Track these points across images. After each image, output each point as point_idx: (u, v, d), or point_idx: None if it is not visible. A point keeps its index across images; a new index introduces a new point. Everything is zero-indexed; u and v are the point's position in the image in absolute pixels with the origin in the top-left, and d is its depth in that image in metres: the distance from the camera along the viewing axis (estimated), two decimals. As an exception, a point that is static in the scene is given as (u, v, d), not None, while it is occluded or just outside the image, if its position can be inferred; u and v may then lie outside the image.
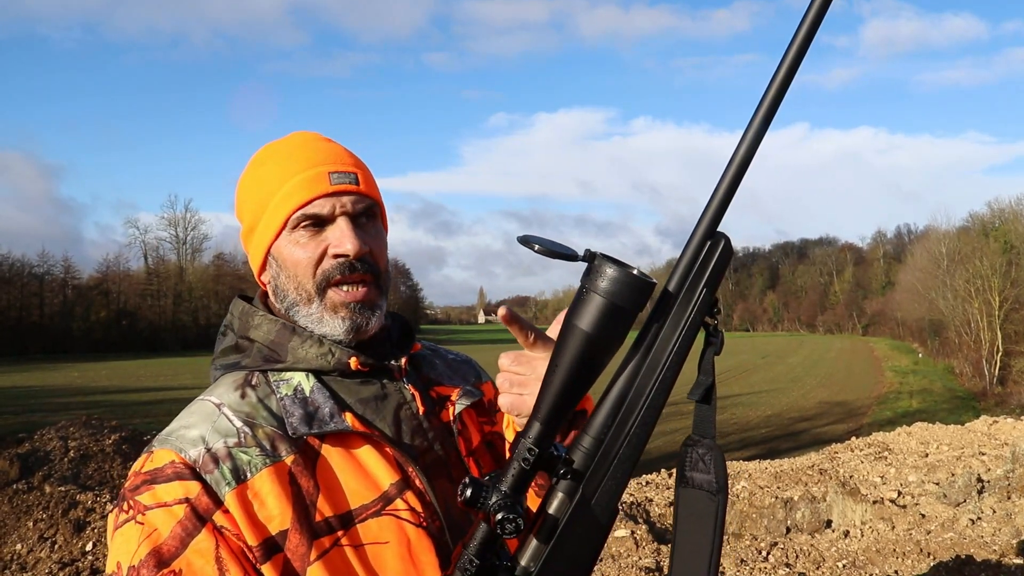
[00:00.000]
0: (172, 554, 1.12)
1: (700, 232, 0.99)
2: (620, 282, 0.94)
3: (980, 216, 70.53)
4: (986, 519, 6.58)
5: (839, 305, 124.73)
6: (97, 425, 9.70)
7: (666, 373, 0.99)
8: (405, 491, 1.27)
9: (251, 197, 1.37)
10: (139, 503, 1.16)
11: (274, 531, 1.17)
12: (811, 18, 0.96)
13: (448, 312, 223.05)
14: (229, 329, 1.40)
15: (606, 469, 0.99)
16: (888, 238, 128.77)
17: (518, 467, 0.98)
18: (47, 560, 6.17)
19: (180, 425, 1.25)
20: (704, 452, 1.02)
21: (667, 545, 6.32)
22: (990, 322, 52.94)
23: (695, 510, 1.02)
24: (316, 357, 1.32)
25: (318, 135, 1.43)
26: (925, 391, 41.46)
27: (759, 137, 0.98)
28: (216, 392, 1.30)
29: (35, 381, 37.27)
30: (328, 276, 1.31)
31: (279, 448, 1.22)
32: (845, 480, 8.79)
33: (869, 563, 5.75)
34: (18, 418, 20.95)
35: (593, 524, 1.00)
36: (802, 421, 27.45)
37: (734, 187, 0.98)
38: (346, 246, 1.30)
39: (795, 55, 0.96)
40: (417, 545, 1.24)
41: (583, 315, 0.95)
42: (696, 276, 1.00)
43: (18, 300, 70.48)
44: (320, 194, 1.31)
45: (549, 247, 0.98)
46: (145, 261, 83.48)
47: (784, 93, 0.98)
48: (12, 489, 7.21)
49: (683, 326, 0.99)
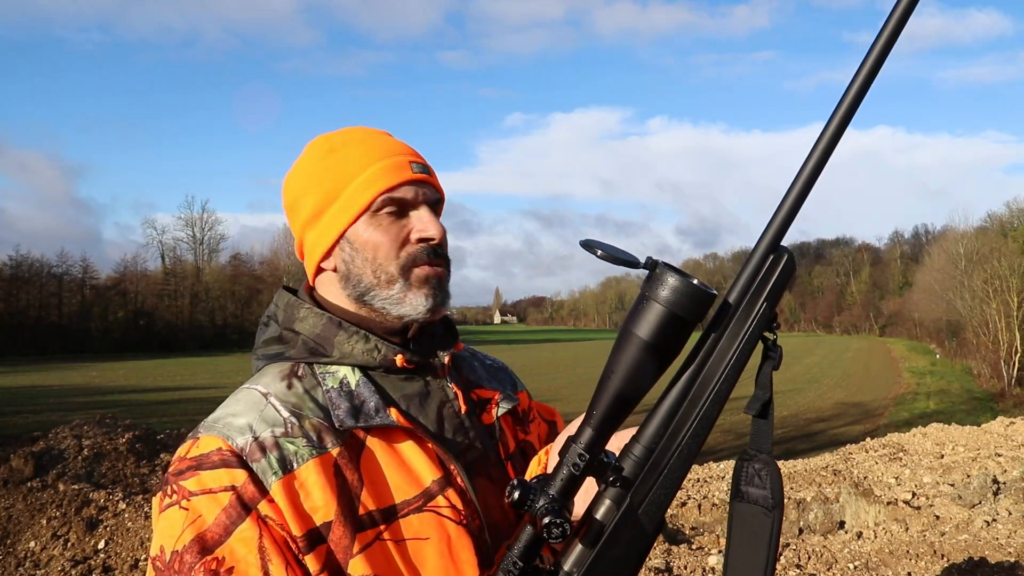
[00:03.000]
0: (216, 541, 1.12)
1: (764, 245, 0.98)
2: (680, 292, 0.94)
3: (999, 216, 70.07)
4: (1001, 521, 6.52)
5: (856, 305, 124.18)
6: (111, 424, 9.77)
7: (721, 386, 0.99)
8: (447, 488, 1.27)
9: (320, 182, 1.35)
10: (184, 488, 1.16)
11: (318, 522, 1.17)
12: (898, 15, 0.94)
13: (464, 312, 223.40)
14: (272, 320, 1.40)
15: (655, 479, 0.99)
16: (906, 238, 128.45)
17: (568, 472, 0.97)
18: (60, 558, 6.21)
19: (227, 412, 1.25)
20: (760, 467, 1.01)
21: (678, 546, 6.30)
22: (1008, 323, 52.45)
23: (750, 525, 1.01)
24: (362, 353, 1.32)
25: (381, 131, 1.44)
26: (943, 392, 41.16)
27: (832, 146, 0.96)
28: (262, 381, 1.30)
29: (54, 380, 37.55)
30: (415, 258, 1.33)
31: (325, 440, 1.22)
32: (859, 481, 8.73)
33: (882, 565, 5.71)
34: (36, 417, 21.10)
35: (639, 533, 0.99)
36: (819, 422, 27.28)
37: (801, 200, 0.97)
38: (431, 231, 1.32)
39: (877, 56, 0.94)
40: (457, 543, 1.24)
41: (642, 323, 0.95)
42: (757, 289, 0.99)
43: (37, 300, 71.15)
44: (406, 180, 1.33)
45: (612, 253, 0.96)
46: (162, 261, 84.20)
47: (863, 97, 0.95)
48: (26, 487, 7.27)
49: (741, 339, 0.98)
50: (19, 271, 70.60)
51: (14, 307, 68.48)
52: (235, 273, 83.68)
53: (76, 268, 75.91)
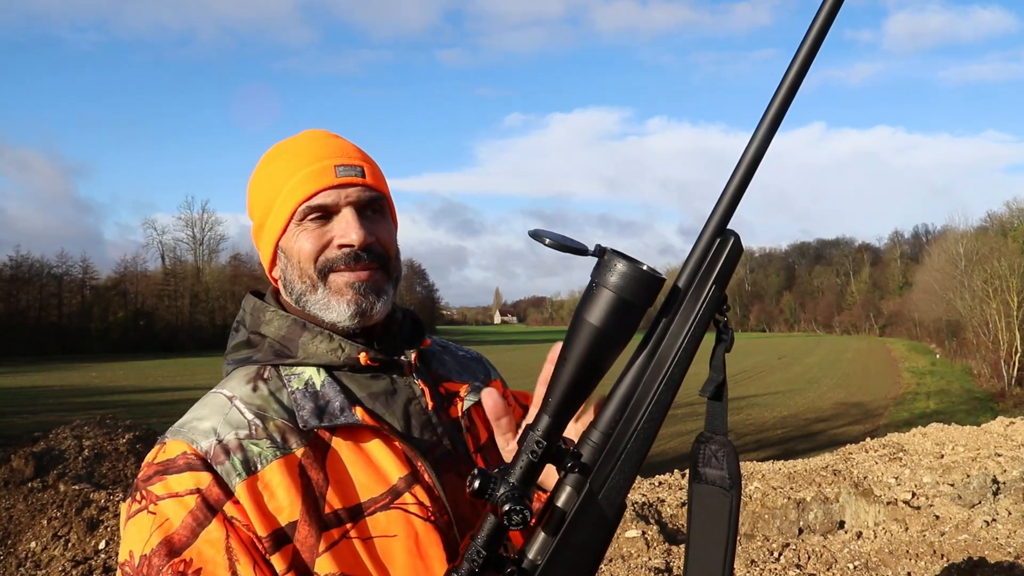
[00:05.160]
0: (183, 543, 1.14)
1: (710, 229, 1.00)
2: (629, 277, 0.95)
3: (998, 216, 70.19)
4: (1001, 521, 6.52)
5: (856, 306, 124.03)
6: (111, 424, 9.78)
7: (674, 369, 1.00)
8: (414, 485, 1.28)
9: (260, 194, 1.40)
10: (151, 493, 1.18)
11: (283, 522, 1.19)
12: (824, 13, 0.96)
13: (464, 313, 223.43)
14: (241, 325, 1.42)
15: (613, 464, 1.00)
16: (905, 238, 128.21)
17: (526, 459, 0.99)
18: (60, 558, 6.21)
19: (192, 417, 1.27)
20: (716, 448, 1.03)
21: (678, 546, 6.29)
22: (1008, 323, 52.39)
23: (709, 506, 1.03)
24: (326, 352, 1.34)
25: (327, 132, 1.45)
26: (942, 392, 41.14)
27: (769, 136, 0.98)
28: (228, 385, 1.32)
29: (54, 381, 37.53)
30: (332, 264, 1.33)
31: (289, 440, 1.24)
32: (859, 481, 8.73)
33: (882, 564, 5.71)
34: (36, 418, 21.09)
35: (600, 518, 1.01)
36: (819, 422, 27.27)
37: (744, 186, 0.99)
38: (351, 236, 1.32)
39: (807, 52, 0.96)
40: (425, 539, 1.25)
41: (592, 309, 0.96)
42: (705, 273, 1.00)
43: (37, 300, 71.13)
44: (325, 186, 1.33)
45: (559, 241, 0.98)
46: (162, 262, 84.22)
47: (796, 90, 0.97)
48: (27, 488, 7.27)
49: (692, 323, 0.99)
50: (19, 271, 70.59)
51: (14, 307, 68.46)
52: (235, 273, 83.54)
53: (76, 268, 76.04)
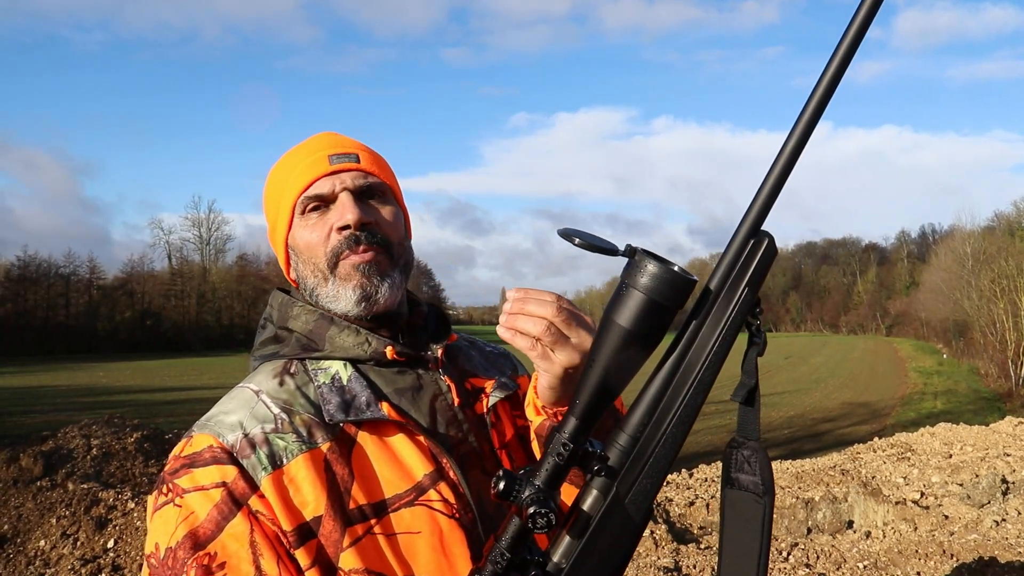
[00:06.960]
0: (208, 537, 1.14)
1: (743, 231, 0.97)
2: (661, 279, 0.93)
3: (1006, 215, 69.90)
4: (1011, 521, 6.50)
5: (862, 305, 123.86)
6: (119, 424, 9.80)
7: (705, 373, 0.97)
8: (439, 482, 1.27)
9: (269, 199, 1.42)
10: (177, 486, 1.18)
11: (308, 517, 1.19)
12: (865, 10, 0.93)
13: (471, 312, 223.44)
14: (268, 321, 1.43)
15: (641, 467, 0.98)
16: (912, 238, 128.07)
17: (552, 462, 0.97)
18: (69, 557, 6.23)
19: (219, 411, 1.28)
20: (749, 454, 1.00)
21: (686, 545, 6.29)
22: (1016, 322, 52.22)
23: (742, 512, 1.00)
24: (353, 346, 1.34)
25: (331, 132, 1.46)
26: (950, 392, 41.02)
27: (807, 134, 0.95)
28: (255, 379, 1.32)
29: (61, 381, 37.63)
30: (337, 251, 1.33)
31: (315, 435, 1.24)
32: (867, 481, 8.71)
33: (891, 564, 5.70)
34: (44, 417, 21.16)
35: (626, 523, 0.99)
36: (825, 422, 27.21)
37: (779, 186, 0.96)
38: (346, 217, 1.32)
39: (848, 48, 0.93)
40: (449, 536, 1.25)
41: (622, 311, 0.95)
42: (738, 275, 0.97)
43: (44, 300, 71.35)
44: (320, 175, 1.34)
45: (590, 241, 0.96)
46: (169, 261, 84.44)
47: (835, 87, 0.94)
48: (36, 486, 7.29)
49: (723, 325, 0.97)
50: (26, 271, 70.83)
51: (21, 307, 68.71)
52: (241, 273, 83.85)
53: (83, 268, 76.24)
